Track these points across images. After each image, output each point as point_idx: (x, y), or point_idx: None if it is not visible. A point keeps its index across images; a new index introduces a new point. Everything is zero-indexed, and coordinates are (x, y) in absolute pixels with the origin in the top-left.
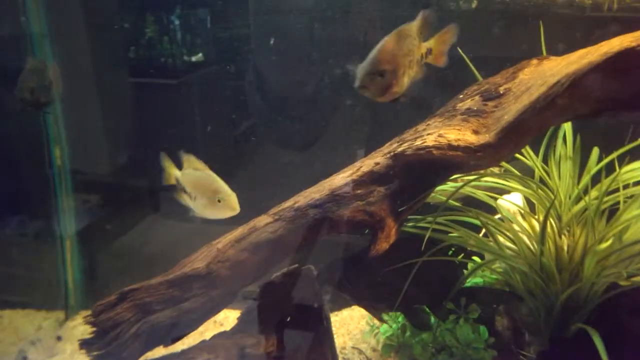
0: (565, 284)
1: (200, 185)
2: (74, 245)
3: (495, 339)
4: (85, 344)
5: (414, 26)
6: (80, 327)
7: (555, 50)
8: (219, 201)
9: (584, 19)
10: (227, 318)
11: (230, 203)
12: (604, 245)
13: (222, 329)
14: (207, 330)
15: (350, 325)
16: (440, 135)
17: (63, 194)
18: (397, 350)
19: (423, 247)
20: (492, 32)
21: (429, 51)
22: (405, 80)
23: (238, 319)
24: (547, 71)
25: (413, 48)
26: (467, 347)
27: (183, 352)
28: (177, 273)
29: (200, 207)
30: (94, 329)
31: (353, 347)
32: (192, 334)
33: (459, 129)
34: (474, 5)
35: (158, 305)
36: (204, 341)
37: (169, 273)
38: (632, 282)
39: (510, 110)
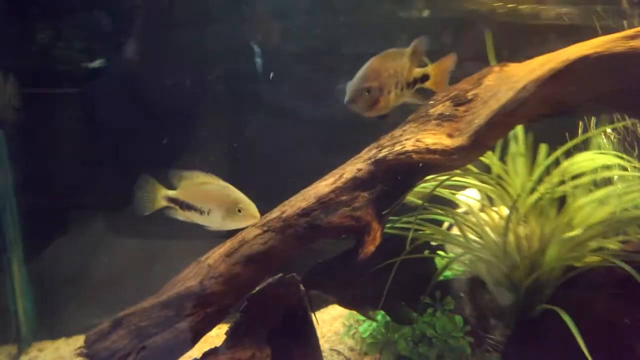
0: (527, 270)
1: (216, 198)
2: (22, 273)
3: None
4: None
5: (404, 51)
6: None
7: (500, 56)
8: (239, 211)
9: (524, 27)
10: None
11: (251, 211)
12: (562, 232)
13: None
14: None
15: (324, 328)
16: (418, 140)
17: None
18: (381, 347)
19: (395, 246)
20: (443, 39)
21: (426, 77)
22: (392, 99)
23: (226, 333)
24: (511, 77)
25: (401, 70)
26: (447, 337)
27: None
28: (169, 293)
29: (217, 220)
30: None
31: (331, 349)
32: None
33: (434, 133)
34: (425, 14)
35: (154, 328)
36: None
37: (161, 293)
38: (586, 263)
39: (481, 114)
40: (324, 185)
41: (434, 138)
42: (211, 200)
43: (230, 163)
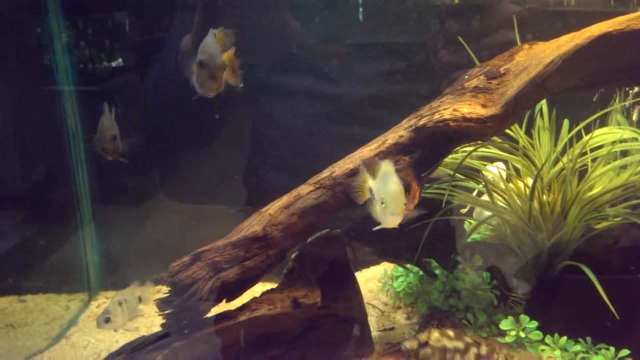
0: (549, 232)
1: (374, 189)
2: (92, 230)
3: None
4: (163, 302)
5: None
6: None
7: (525, 39)
8: (382, 203)
9: (548, 13)
10: None
11: (390, 208)
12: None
13: None
14: None
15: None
16: (455, 110)
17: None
18: (416, 298)
19: (429, 210)
20: (472, 24)
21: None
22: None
23: (281, 278)
24: (539, 53)
25: None
26: (475, 289)
27: (244, 305)
28: (238, 236)
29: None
30: (170, 288)
31: (367, 304)
32: None
33: (469, 104)
34: (456, 1)
35: (226, 264)
36: (255, 298)
37: (231, 236)
38: (603, 225)
39: (512, 86)
40: (368, 150)
41: (470, 108)
42: (375, 191)
43: None
